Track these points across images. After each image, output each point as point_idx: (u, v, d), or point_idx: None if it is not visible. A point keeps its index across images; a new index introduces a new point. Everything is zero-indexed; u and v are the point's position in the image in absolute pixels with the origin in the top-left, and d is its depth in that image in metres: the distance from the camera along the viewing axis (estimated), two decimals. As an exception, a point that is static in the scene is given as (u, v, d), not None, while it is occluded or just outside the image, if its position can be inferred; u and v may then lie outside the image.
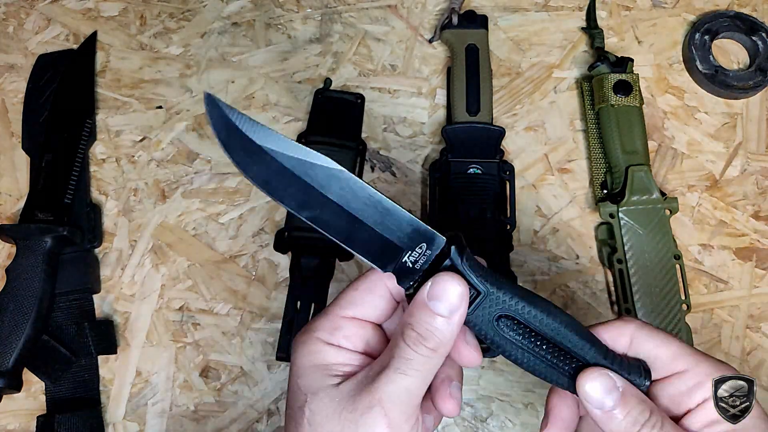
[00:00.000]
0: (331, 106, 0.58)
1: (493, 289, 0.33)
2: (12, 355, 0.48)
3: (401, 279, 0.33)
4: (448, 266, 0.32)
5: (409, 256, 0.33)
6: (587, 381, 0.32)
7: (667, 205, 0.53)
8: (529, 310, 0.33)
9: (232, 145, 0.32)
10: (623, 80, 0.56)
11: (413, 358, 0.31)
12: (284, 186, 0.33)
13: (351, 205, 0.33)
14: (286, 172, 0.33)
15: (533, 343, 0.33)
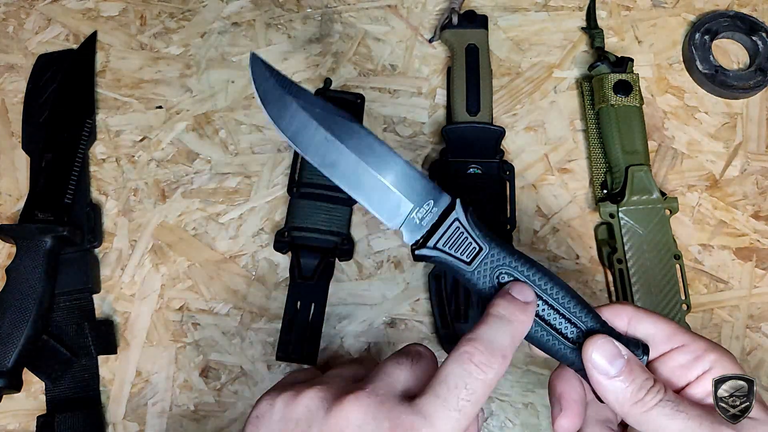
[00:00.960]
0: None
1: (495, 245, 0.34)
2: (12, 355, 0.48)
3: (408, 234, 0.35)
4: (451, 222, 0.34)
5: (417, 212, 0.35)
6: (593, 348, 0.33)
7: (667, 205, 0.53)
8: (531, 269, 0.34)
9: (270, 99, 0.37)
10: (623, 80, 0.56)
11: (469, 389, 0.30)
12: (310, 138, 0.36)
13: (367, 159, 0.36)
14: (311, 125, 0.36)
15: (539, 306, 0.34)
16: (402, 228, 0.36)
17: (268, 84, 0.37)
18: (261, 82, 0.37)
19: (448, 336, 0.51)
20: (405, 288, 0.54)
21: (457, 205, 0.35)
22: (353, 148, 0.36)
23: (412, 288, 0.54)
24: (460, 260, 0.34)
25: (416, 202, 0.35)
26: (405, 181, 0.36)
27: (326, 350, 0.52)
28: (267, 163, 0.57)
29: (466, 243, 0.34)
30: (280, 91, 0.37)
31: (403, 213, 0.35)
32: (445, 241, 0.35)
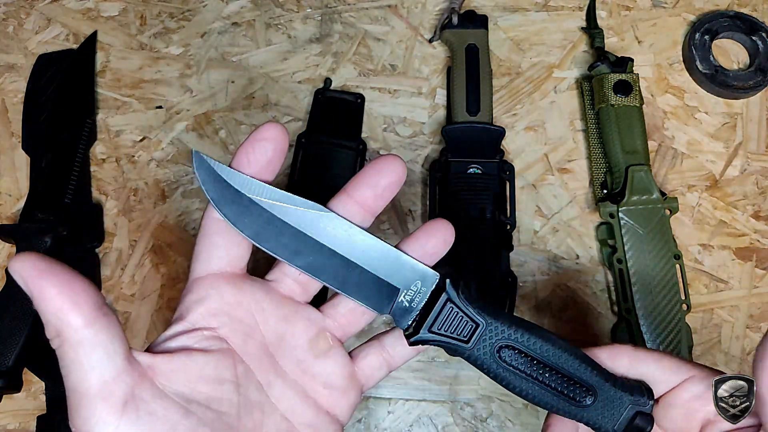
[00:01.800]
0: (331, 106, 0.58)
1: (491, 319, 0.33)
2: (12, 355, 0.48)
3: (399, 319, 0.33)
4: (444, 301, 0.32)
5: (405, 295, 0.33)
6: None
7: (667, 205, 0.53)
8: (529, 337, 0.33)
9: (222, 200, 0.32)
10: (623, 80, 0.56)
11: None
12: (276, 235, 0.32)
13: (343, 248, 0.33)
14: (275, 221, 0.32)
15: (536, 371, 0.33)
16: (392, 314, 0.33)
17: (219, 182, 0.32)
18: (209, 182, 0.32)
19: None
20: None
21: (447, 284, 0.33)
22: (326, 239, 0.33)
23: (412, 288, 0.54)
24: (459, 340, 0.33)
25: (402, 285, 0.33)
26: (387, 264, 0.33)
27: (326, 350, 0.52)
28: (267, 163, 0.57)
29: (462, 321, 0.33)
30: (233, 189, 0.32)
31: (391, 298, 0.33)
32: (440, 323, 0.33)
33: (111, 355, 0.27)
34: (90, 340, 0.26)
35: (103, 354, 0.26)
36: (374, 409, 0.51)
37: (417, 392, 0.51)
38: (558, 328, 0.53)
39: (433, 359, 0.52)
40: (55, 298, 0.25)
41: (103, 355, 0.26)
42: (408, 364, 0.51)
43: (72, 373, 0.26)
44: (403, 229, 0.55)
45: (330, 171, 0.56)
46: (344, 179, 0.53)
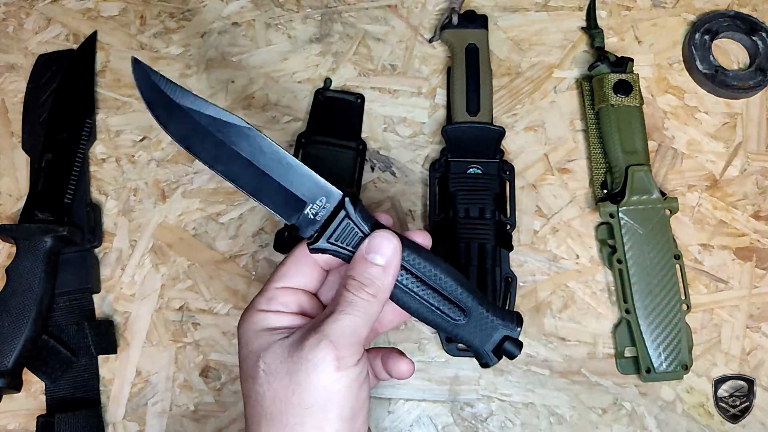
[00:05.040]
0: (332, 106, 0.58)
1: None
2: (12, 355, 0.48)
3: (304, 229, 0.37)
4: (342, 218, 0.37)
5: (310, 208, 0.37)
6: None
7: (667, 205, 0.53)
8: (416, 258, 0.37)
9: (155, 103, 0.37)
10: (623, 80, 0.56)
11: (355, 302, 0.35)
12: (200, 141, 0.37)
13: (258, 160, 0.37)
14: (201, 129, 0.37)
15: (419, 289, 0.37)
16: (298, 224, 0.37)
17: (153, 88, 0.37)
18: (145, 86, 0.37)
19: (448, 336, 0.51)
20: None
21: (346, 201, 0.37)
22: (245, 150, 0.37)
23: (412, 288, 0.54)
24: (352, 252, 0.37)
25: (309, 199, 0.37)
26: (298, 179, 0.37)
27: (326, 350, 0.52)
28: (267, 163, 0.57)
29: (357, 236, 0.37)
30: (165, 95, 0.37)
31: (298, 209, 0.37)
32: (337, 236, 0.37)
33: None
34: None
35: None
36: (374, 409, 0.51)
37: (417, 392, 0.51)
38: (558, 328, 0.53)
39: (433, 359, 0.52)
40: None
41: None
42: (408, 364, 0.52)
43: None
44: (403, 228, 0.55)
45: (330, 171, 0.55)
46: (344, 179, 0.55)
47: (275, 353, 0.34)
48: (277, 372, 0.33)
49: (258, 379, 0.34)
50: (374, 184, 0.57)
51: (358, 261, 0.36)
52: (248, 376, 0.35)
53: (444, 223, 0.53)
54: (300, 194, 0.37)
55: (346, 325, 0.34)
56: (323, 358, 0.32)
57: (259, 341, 0.35)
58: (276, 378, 0.33)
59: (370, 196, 0.56)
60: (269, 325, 0.36)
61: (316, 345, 0.33)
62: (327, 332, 0.33)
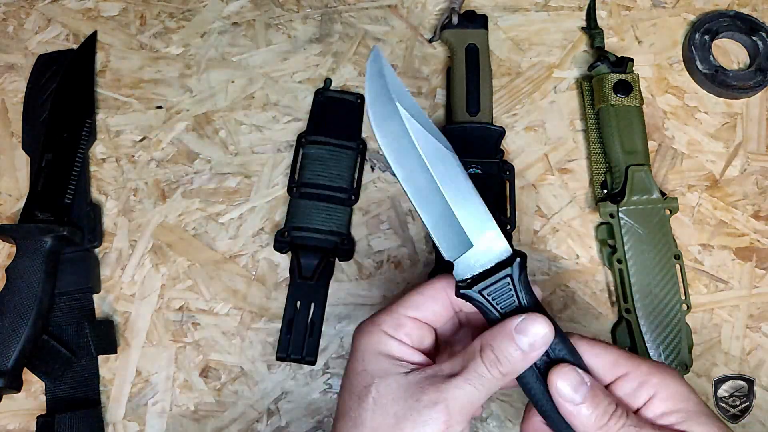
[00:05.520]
0: (332, 106, 0.58)
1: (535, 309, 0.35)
2: (12, 355, 0.48)
3: (459, 270, 0.36)
4: (503, 276, 0.35)
5: (474, 252, 0.36)
6: (558, 378, 0.33)
7: (667, 205, 0.53)
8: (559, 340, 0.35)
9: (377, 98, 0.37)
10: (623, 80, 0.56)
11: (485, 376, 0.34)
12: (402, 151, 0.37)
13: (447, 187, 0.36)
14: (407, 138, 0.36)
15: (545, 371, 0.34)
16: (456, 262, 0.36)
17: (381, 83, 0.37)
18: (374, 78, 0.37)
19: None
20: (405, 288, 0.54)
21: (516, 263, 0.35)
22: (438, 173, 0.36)
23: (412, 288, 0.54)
24: (499, 312, 0.35)
25: (478, 244, 0.36)
26: (475, 220, 0.36)
27: (326, 350, 0.52)
28: (267, 163, 0.57)
29: (510, 300, 0.35)
30: (389, 94, 0.37)
31: (462, 249, 0.36)
32: (491, 291, 0.35)
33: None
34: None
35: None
36: (374, 409, 0.51)
37: (417, 392, 0.51)
38: (558, 328, 0.53)
39: (433, 359, 0.52)
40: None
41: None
42: (408, 364, 0.52)
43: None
44: (403, 229, 0.55)
45: (330, 171, 0.56)
46: (344, 179, 0.55)
47: (390, 387, 0.34)
48: (386, 407, 0.34)
49: (366, 402, 0.34)
50: (374, 184, 0.57)
51: (503, 335, 0.34)
52: (355, 394, 0.35)
53: (444, 223, 0.53)
54: (471, 236, 0.36)
55: (468, 396, 0.34)
56: (435, 419, 0.33)
57: (378, 365, 0.35)
58: (384, 412, 0.34)
59: (370, 196, 0.56)
60: (391, 352, 0.36)
61: (432, 405, 0.33)
62: (447, 396, 0.33)
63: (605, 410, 0.33)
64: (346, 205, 0.55)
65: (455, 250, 0.36)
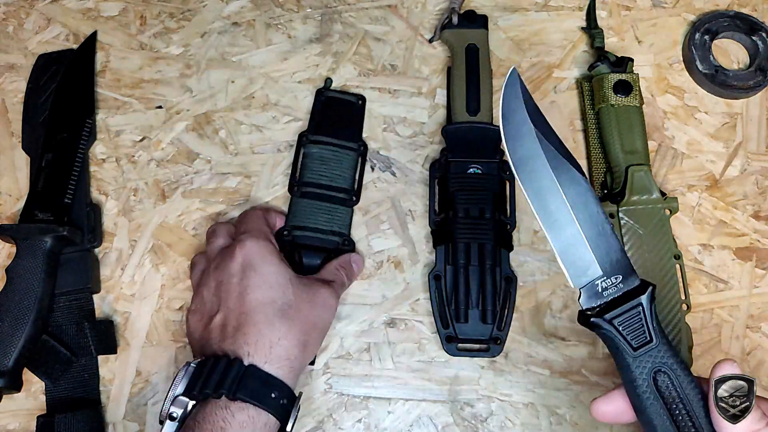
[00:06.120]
0: (333, 106, 0.58)
1: (663, 342, 0.35)
2: (12, 355, 0.48)
3: (586, 298, 0.36)
4: (636, 304, 0.35)
5: (603, 281, 0.36)
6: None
7: (667, 205, 0.53)
8: (687, 374, 0.34)
9: (511, 117, 0.37)
10: (623, 80, 0.56)
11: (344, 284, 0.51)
12: (533, 170, 0.37)
13: (578, 211, 0.36)
14: (540, 158, 0.37)
15: (679, 411, 0.34)
16: (582, 290, 0.36)
17: (517, 103, 0.37)
18: (510, 99, 0.38)
19: (448, 336, 0.51)
20: (405, 288, 0.54)
21: (648, 292, 0.35)
22: (570, 197, 0.36)
23: (412, 288, 0.54)
24: (629, 344, 0.35)
25: (606, 272, 0.36)
26: (605, 247, 0.36)
27: (326, 350, 0.52)
28: (267, 163, 0.57)
29: (640, 330, 0.35)
30: (525, 114, 0.37)
31: (590, 276, 0.36)
32: (621, 321, 0.35)
33: None
34: None
35: None
36: (374, 409, 0.51)
37: (417, 392, 0.51)
38: (558, 328, 0.53)
39: (433, 359, 0.52)
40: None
41: None
42: (408, 364, 0.52)
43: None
44: (403, 229, 0.55)
45: (332, 171, 0.56)
46: (346, 180, 0.55)
47: (298, 282, 0.46)
48: (302, 296, 0.45)
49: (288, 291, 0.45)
50: (374, 184, 0.57)
51: (346, 261, 0.52)
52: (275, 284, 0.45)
53: (444, 223, 0.53)
54: (600, 263, 0.36)
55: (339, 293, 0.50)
56: (332, 304, 0.48)
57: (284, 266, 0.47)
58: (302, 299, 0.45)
59: (370, 196, 0.56)
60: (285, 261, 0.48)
61: (331, 295, 0.48)
62: (336, 291, 0.49)
63: (762, 416, 0.33)
64: (347, 205, 0.55)
65: (582, 277, 0.36)
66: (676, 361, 0.35)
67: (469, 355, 0.51)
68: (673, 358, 0.35)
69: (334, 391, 0.51)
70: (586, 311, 0.36)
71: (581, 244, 0.36)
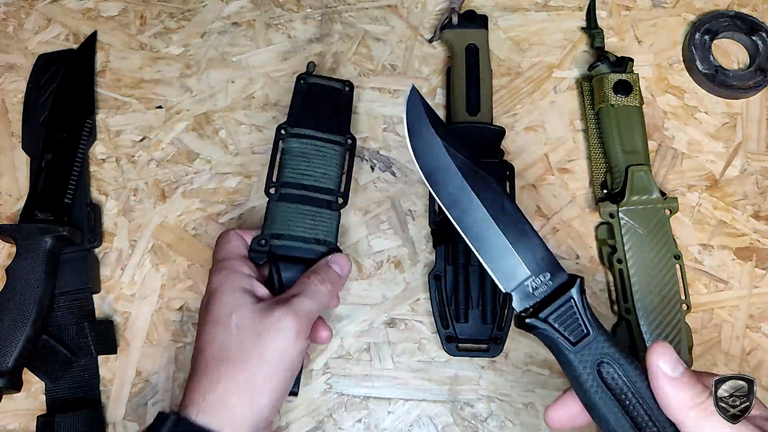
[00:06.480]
0: (316, 95, 0.52)
1: (601, 333, 0.35)
2: (12, 355, 0.48)
3: (518, 300, 0.36)
4: (567, 299, 0.35)
5: (532, 281, 0.36)
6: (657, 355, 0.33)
7: (667, 205, 0.53)
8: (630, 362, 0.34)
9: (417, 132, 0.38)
10: (623, 80, 0.56)
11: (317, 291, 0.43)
12: (446, 180, 0.38)
13: (496, 216, 0.37)
14: (451, 169, 0.37)
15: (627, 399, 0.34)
16: (513, 292, 0.36)
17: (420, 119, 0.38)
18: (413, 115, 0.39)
19: (448, 336, 0.51)
20: (405, 288, 0.54)
21: (577, 284, 0.35)
22: (485, 203, 0.37)
23: (412, 288, 0.54)
24: (567, 339, 0.35)
25: (534, 271, 0.36)
26: (528, 246, 0.36)
27: (326, 350, 0.52)
28: (267, 163, 0.57)
29: (575, 324, 0.35)
30: (429, 128, 0.38)
31: (519, 278, 0.36)
32: (555, 317, 0.35)
33: None
34: None
35: None
36: (374, 409, 0.51)
37: (417, 392, 0.51)
38: (558, 328, 0.53)
39: (433, 359, 0.52)
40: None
41: None
42: (408, 364, 0.52)
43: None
44: (403, 229, 0.55)
45: (315, 169, 0.50)
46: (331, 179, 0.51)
47: (247, 312, 0.41)
48: (247, 327, 0.40)
49: (230, 328, 0.40)
50: (374, 184, 0.57)
51: (323, 265, 0.45)
52: (219, 323, 0.41)
53: (444, 223, 0.53)
54: (526, 263, 0.36)
55: (307, 307, 0.41)
56: (288, 327, 0.40)
57: (235, 297, 0.42)
58: (245, 331, 0.40)
59: (370, 196, 0.56)
60: (244, 287, 0.42)
61: (284, 317, 0.40)
62: (294, 309, 0.41)
63: (701, 390, 0.33)
64: (333, 209, 0.49)
65: (511, 280, 0.36)
66: (616, 350, 0.35)
67: (469, 355, 0.51)
68: (613, 347, 0.35)
69: (334, 391, 0.51)
70: (521, 314, 0.36)
71: (505, 248, 0.36)
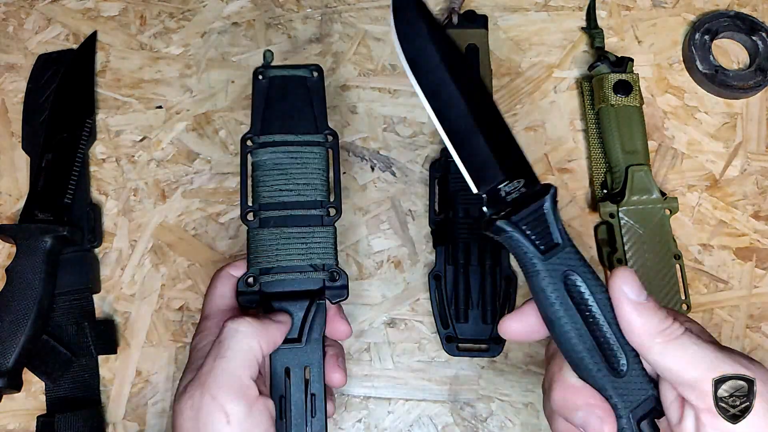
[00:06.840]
0: (280, 90, 0.45)
1: (570, 245, 0.33)
2: (12, 355, 0.48)
3: (489, 205, 0.34)
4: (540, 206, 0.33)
5: (505, 185, 0.34)
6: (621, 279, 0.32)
7: (667, 205, 0.53)
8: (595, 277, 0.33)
9: (402, 16, 0.35)
10: (623, 80, 0.56)
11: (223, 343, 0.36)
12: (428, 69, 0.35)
13: (477, 114, 0.34)
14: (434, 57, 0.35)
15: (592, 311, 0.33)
16: (485, 194, 0.34)
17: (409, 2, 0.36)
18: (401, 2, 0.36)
19: (448, 336, 0.51)
20: (405, 288, 0.54)
21: (551, 193, 0.33)
22: (467, 98, 0.34)
23: (412, 288, 0.54)
24: (537, 248, 0.33)
25: (508, 175, 0.34)
26: (505, 151, 0.35)
27: (326, 350, 0.52)
28: (267, 163, 0.57)
29: (546, 233, 0.33)
30: (417, 12, 0.35)
31: (492, 181, 0.34)
32: (527, 223, 0.33)
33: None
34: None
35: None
36: (374, 409, 0.51)
37: (417, 392, 0.51)
38: (558, 328, 0.53)
39: (433, 359, 0.52)
40: None
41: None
42: (408, 364, 0.52)
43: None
44: (403, 229, 0.55)
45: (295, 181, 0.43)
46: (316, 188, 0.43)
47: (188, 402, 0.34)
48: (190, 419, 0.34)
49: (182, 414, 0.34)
50: (374, 184, 0.57)
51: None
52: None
53: (444, 223, 0.53)
54: (502, 167, 0.34)
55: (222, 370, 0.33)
56: (211, 413, 0.32)
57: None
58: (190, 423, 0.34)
59: (370, 196, 0.56)
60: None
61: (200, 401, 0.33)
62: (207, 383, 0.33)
63: (666, 315, 0.32)
64: (326, 224, 0.42)
65: (484, 183, 0.34)
66: (584, 263, 0.33)
67: (469, 355, 0.51)
68: (583, 261, 0.33)
69: (334, 391, 0.51)
70: (491, 216, 0.34)
71: (482, 148, 0.35)
